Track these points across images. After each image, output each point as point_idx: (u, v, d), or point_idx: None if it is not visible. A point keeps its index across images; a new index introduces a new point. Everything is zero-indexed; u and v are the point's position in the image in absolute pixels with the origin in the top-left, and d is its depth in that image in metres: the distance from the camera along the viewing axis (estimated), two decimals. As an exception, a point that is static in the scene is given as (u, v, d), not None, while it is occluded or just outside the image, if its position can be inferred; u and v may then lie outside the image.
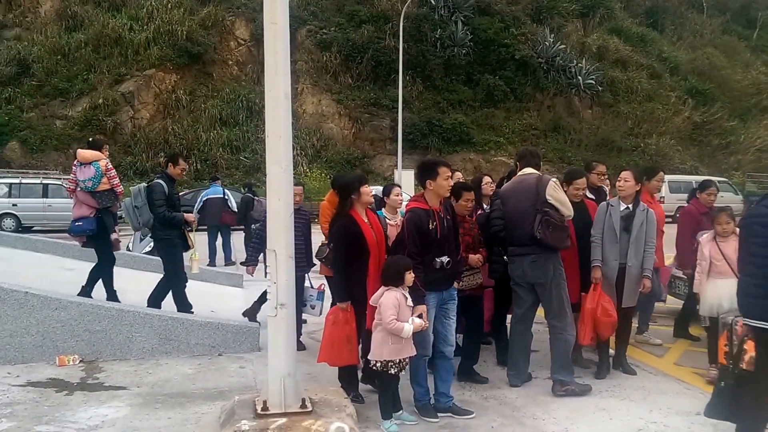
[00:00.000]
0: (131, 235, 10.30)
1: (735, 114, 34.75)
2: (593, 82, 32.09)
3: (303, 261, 5.63)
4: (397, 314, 3.90)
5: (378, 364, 4.01)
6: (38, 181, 18.91)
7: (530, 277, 4.74)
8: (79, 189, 6.27)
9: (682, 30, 40.81)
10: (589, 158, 28.01)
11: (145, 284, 7.38)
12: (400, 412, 4.19)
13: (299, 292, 5.50)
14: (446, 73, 31.34)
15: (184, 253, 6.48)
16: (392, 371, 4.00)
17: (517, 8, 34.34)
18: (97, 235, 6.37)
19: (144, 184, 6.26)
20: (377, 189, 7.96)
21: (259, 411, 3.77)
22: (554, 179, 4.85)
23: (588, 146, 30.67)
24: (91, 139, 6.96)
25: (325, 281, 5.69)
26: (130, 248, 9.58)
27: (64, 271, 7.66)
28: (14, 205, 18.02)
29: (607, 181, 6.44)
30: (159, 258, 6.68)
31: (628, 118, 32.75)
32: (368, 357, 4.15)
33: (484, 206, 5.75)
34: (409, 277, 3.98)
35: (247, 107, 27.48)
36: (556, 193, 4.71)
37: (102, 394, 4.59)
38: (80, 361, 5.27)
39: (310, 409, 3.84)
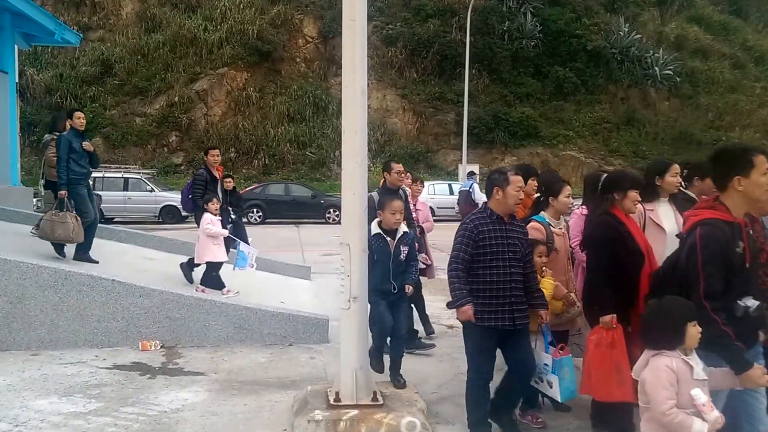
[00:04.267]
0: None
1: (826, 105, 32.55)
2: (671, 73, 30.73)
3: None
4: (677, 395, 2.55)
5: None
6: (119, 175, 19.97)
7: None
8: None
9: (768, 17, 38.45)
10: (665, 152, 26.88)
11: (223, 275, 7.61)
12: None
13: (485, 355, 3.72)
14: (513, 66, 30.82)
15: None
16: None
17: (590, -3, 33.35)
18: None
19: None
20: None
21: (331, 402, 3.84)
22: None
23: (664, 140, 29.46)
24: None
25: None
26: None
27: (145, 260, 8.03)
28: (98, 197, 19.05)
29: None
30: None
31: (709, 110, 31.23)
32: None
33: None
34: (694, 332, 2.58)
35: (314, 103, 28.02)
36: None
37: (182, 379, 4.78)
38: (161, 346, 5.52)
39: (381, 402, 3.87)
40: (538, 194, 4.57)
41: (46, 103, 27.02)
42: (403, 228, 4.37)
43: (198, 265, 7.01)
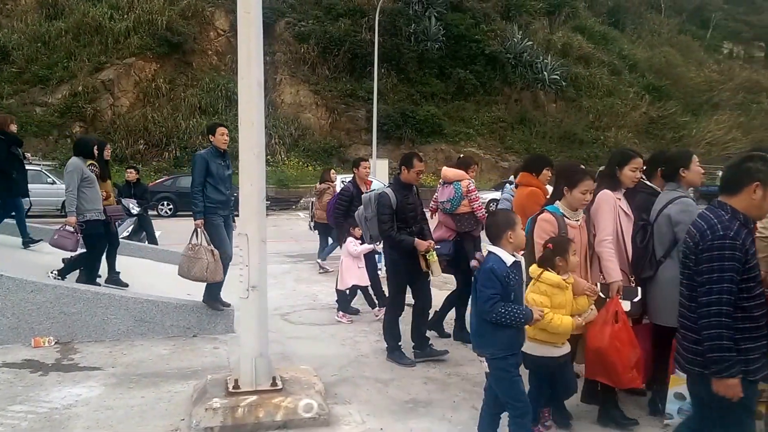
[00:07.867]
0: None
1: (688, 109, 36.45)
2: (558, 78, 33.27)
3: None
4: None
5: None
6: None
7: None
8: (439, 210, 5.77)
9: (642, 29, 42.93)
10: (552, 149, 28.81)
11: (128, 268, 7.44)
12: None
13: None
14: (420, 67, 31.99)
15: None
16: None
17: (488, 5, 35.41)
18: (455, 261, 5.61)
19: (375, 193, 5.26)
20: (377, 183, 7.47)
21: (230, 389, 3.88)
22: None
23: (552, 138, 31.84)
24: (461, 156, 6.61)
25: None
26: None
27: (42, 254, 7.64)
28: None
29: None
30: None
31: (590, 112, 33.99)
32: None
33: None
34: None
35: (226, 96, 27.50)
36: None
37: (76, 374, 4.66)
38: (56, 342, 5.33)
39: (280, 386, 3.94)
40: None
41: (-64, 91, 24.84)
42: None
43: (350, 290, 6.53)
